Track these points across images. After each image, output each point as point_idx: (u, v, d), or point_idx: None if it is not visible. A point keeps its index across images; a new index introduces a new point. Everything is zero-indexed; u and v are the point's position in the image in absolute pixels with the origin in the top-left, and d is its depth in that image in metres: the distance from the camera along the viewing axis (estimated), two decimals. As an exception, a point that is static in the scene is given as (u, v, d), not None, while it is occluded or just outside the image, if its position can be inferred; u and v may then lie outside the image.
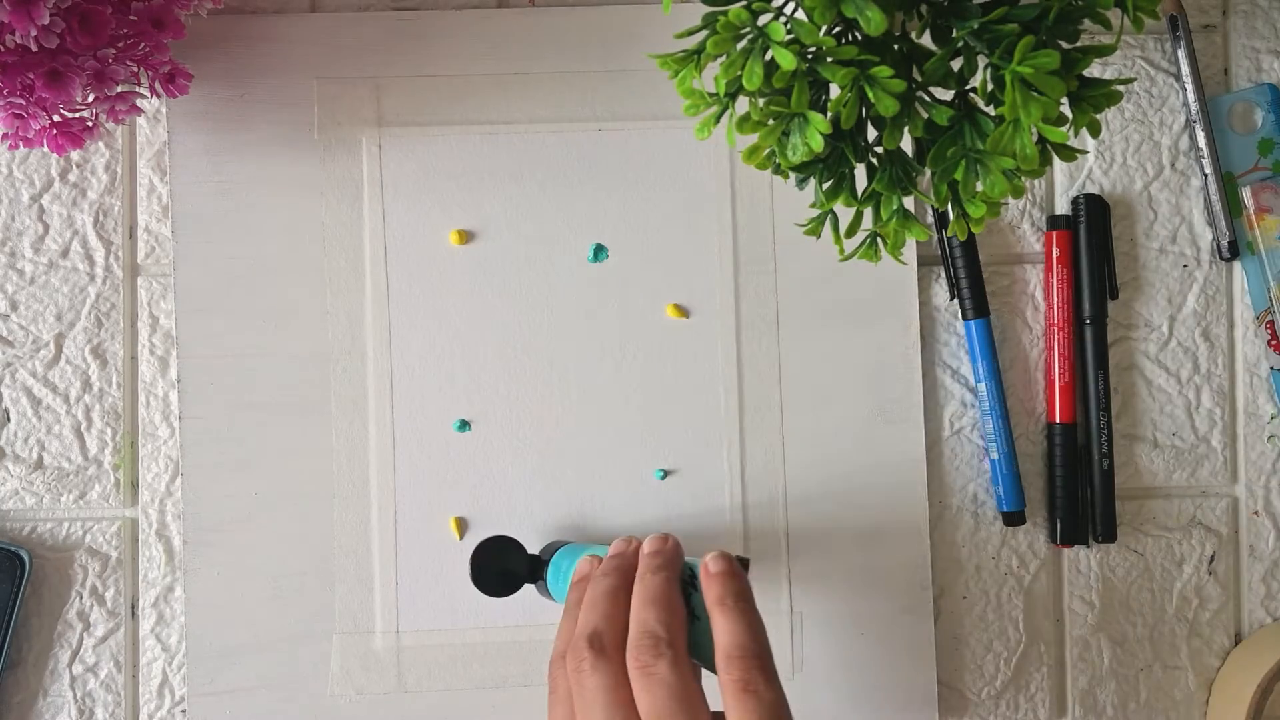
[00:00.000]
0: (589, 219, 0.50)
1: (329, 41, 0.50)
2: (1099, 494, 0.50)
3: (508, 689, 0.49)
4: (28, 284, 0.50)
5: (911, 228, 0.35)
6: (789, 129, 0.32)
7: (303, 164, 0.50)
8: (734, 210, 0.50)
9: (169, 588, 0.49)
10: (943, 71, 0.32)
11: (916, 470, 0.50)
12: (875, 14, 0.30)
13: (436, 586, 0.49)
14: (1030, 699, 0.50)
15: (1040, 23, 0.30)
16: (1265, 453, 0.51)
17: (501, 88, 0.50)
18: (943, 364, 0.51)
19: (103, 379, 0.50)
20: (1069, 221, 0.51)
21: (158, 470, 0.50)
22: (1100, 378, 0.50)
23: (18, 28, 0.37)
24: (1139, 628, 0.51)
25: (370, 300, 0.49)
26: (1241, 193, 0.51)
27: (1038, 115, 0.30)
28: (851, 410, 0.50)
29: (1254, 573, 0.51)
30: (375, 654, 0.49)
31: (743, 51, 0.31)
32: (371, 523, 0.49)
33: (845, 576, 0.50)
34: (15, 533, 0.49)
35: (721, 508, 0.50)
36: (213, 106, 0.49)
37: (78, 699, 0.49)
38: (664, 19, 0.49)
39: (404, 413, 0.49)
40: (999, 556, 0.51)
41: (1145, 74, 0.52)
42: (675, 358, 0.50)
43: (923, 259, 0.51)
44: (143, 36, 0.42)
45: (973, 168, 0.32)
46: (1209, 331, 0.51)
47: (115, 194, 0.50)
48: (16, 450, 0.49)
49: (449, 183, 0.50)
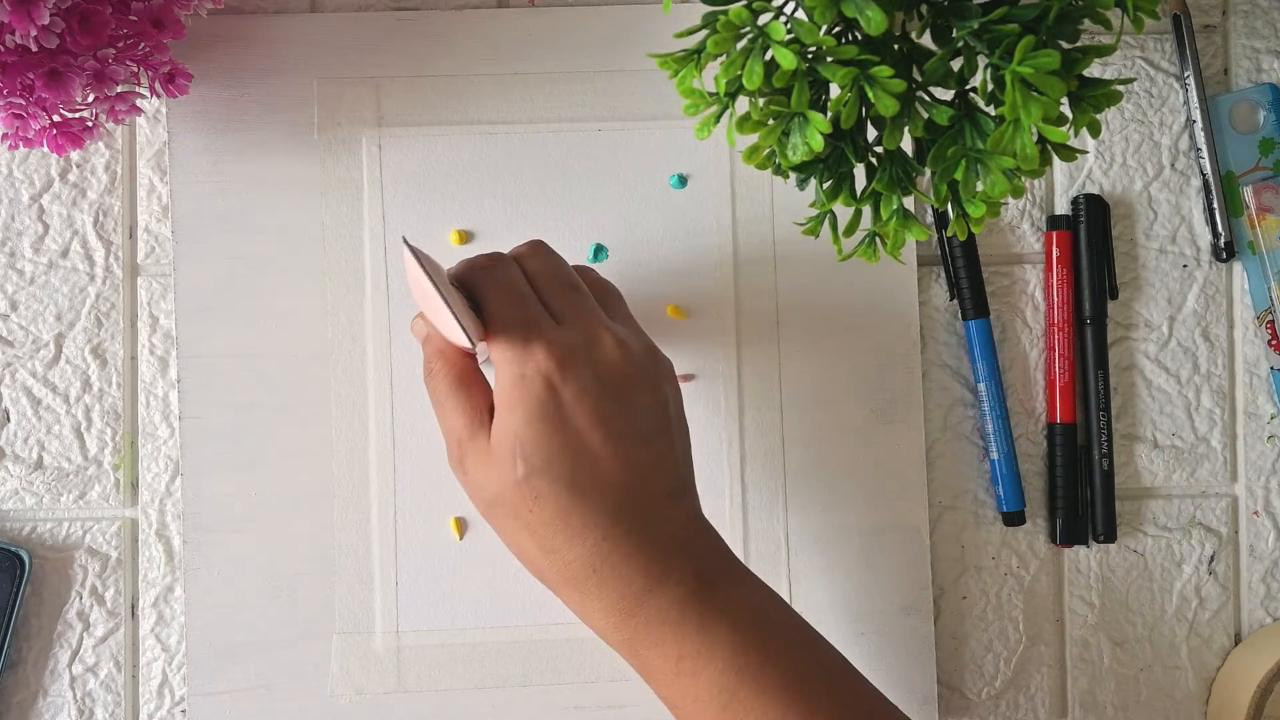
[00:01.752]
0: (589, 219, 0.50)
1: (329, 41, 0.50)
2: (1099, 494, 0.50)
3: (508, 689, 0.49)
4: (28, 284, 0.50)
5: (911, 228, 0.35)
6: (789, 129, 0.32)
7: (303, 164, 0.50)
8: (734, 210, 0.50)
9: (169, 588, 0.49)
10: (943, 71, 0.32)
11: (916, 470, 0.50)
12: (875, 13, 0.30)
13: (436, 586, 0.49)
14: (1030, 699, 0.50)
15: (1040, 23, 0.30)
16: (1265, 453, 0.51)
17: (501, 88, 0.50)
18: (942, 364, 0.51)
19: (103, 379, 0.50)
20: (1069, 221, 0.51)
21: (158, 470, 0.50)
22: (1100, 378, 0.50)
23: (18, 28, 0.37)
24: (1139, 628, 0.51)
25: (370, 300, 0.49)
26: (1242, 193, 0.51)
27: (1038, 115, 0.30)
28: (851, 410, 0.50)
29: (1254, 573, 0.51)
30: (375, 654, 0.49)
31: (743, 51, 0.31)
32: (371, 523, 0.49)
33: (845, 576, 0.49)
34: (15, 533, 0.49)
35: (722, 508, 0.49)
36: (213, 106, 0.49)
37: (78, 699, 0.49)
38: (664, 19, 0.49)
39: (404, 412, 0.49)
40: (999, 556, 0.51)
41: (1145, 74, 0.52)
42: (675, 358, 0.50)
43: (922, 259, 0.51)
44: (143, 36, 0.42)
45: (973, 168, 0.32)
46: (1209, 331, 0.51)
47: (115, 194, 0.50)
48: (16, 450, 0.49)
49: (449, 183, 0.50)
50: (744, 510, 0.50)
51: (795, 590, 0.49)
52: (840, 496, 0.50)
